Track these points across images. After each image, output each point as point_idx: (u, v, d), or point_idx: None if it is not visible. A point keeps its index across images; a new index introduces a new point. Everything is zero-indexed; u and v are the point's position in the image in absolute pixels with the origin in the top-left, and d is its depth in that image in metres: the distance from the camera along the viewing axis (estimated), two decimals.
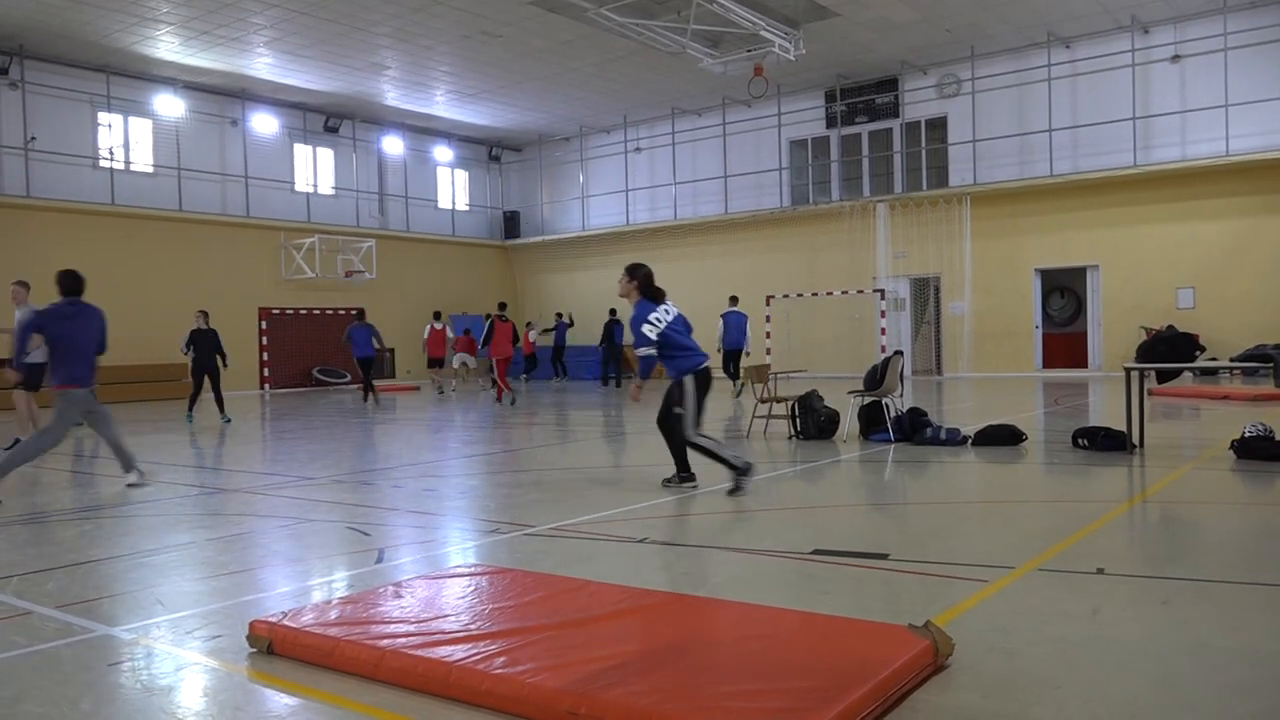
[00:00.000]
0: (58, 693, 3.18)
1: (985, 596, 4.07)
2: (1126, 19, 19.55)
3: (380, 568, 4.96)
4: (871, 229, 23.32)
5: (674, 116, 26.30)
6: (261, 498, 7.40)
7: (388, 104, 24.87)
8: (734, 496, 6.68)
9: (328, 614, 3.69)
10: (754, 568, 4.77)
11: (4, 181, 19.89)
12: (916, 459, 8.63)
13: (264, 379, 23.72)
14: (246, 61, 20.97)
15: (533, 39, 19.86)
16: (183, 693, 3.21)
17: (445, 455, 10.20)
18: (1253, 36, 18.86)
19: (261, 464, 9.83)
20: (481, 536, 5.76)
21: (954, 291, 22.47)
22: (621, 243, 27.66)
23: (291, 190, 25.06)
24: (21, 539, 5.87)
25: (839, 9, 18.56)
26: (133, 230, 21.52)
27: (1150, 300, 20.05)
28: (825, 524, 5.91)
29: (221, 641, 3.71)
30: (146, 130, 22.24)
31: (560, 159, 29.59)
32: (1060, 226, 21.15)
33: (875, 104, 23.57)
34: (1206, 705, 2.87)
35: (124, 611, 4.19)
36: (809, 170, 24.89)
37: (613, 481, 8.00)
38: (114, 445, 7.93)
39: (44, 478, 8.93)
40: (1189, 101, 19.60)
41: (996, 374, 21.70)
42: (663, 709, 2.66)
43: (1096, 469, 7.71)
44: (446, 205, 29.14)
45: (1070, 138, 20.95)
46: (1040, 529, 5.59)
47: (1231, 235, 19.32)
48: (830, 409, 10.24)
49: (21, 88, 19.98)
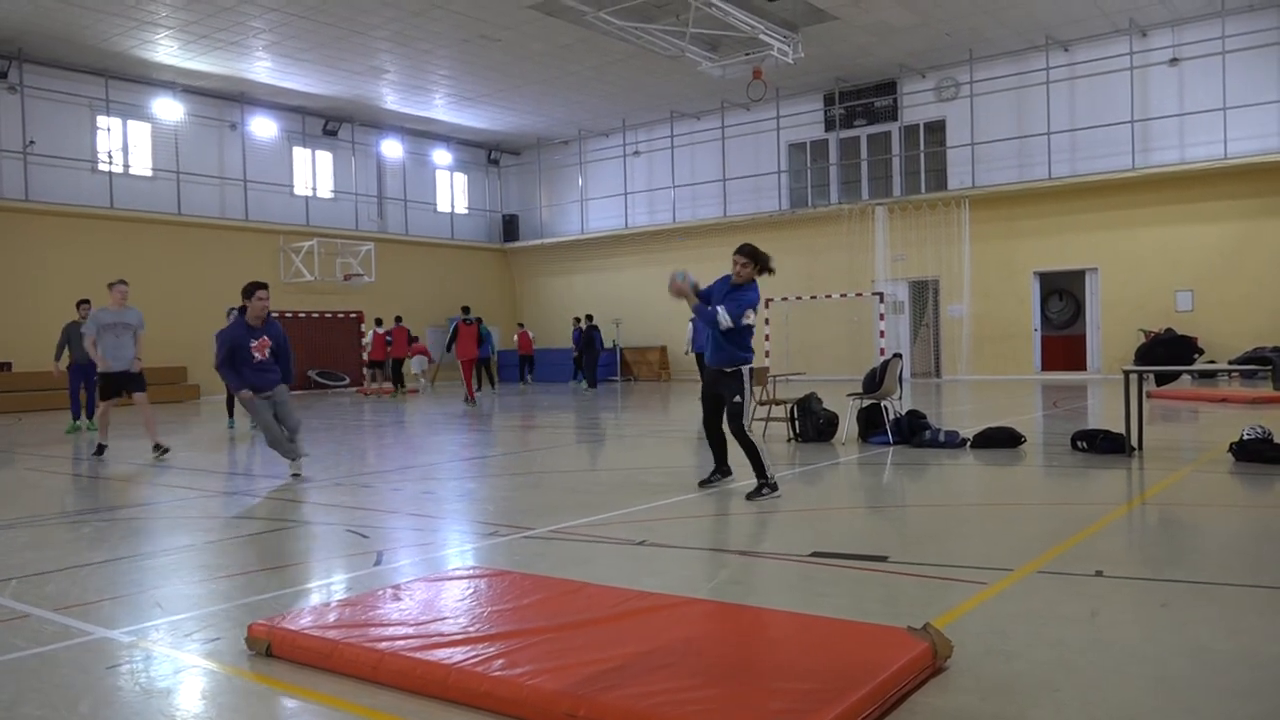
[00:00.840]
0: (56, 695, 3.17)
1: (984, 599, 4.07)
2: (1124, 22, 19.58)
3: (379, 570, 4.96)
4: (870, 232, 23.33)
5: (673, 120, 26.32)
6: (260, 501, 7.40)
7: (387, 107, 24.89)
8: (751, 500, 6.67)
9: (326, 616, 3.68)
10: (753, 570, 4.76)
11: (3, 185, 19.89)
12: (915, 461, 8.63)
13: None
14: (245, 65, 20.98)
15: (532, 42, 19.88)
16: (181, 695, 3.20)
17: (444, 457, 10.19)
18: (1250, 40, 18.89)
19: (260, 466, 9.82)
20: (480, 539, 5.76)
21: (953, 294, 22.48)
22: (620, 246, 27.69)
23: (290, 193, 25.06)
24: (20, 542, 5.86)
25: (838, 12, 18.58)
26: (131, 234, 21.52)
27: (1149, 303, 20.07)
28: (824, 526, 5.91)
29: (220, 644, 3.70)
30: (145, 134, 22.25)
31: (559, 162, 29.60)
32: (1059, 229, 21.17)
33: (874, 107, 23.60)
34: (1206, 708, 2.87)
35: (122, 614, 4.19)
36: (808, 173, 24.91)
37: (612, 484, 8.00)
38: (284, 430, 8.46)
39: (43, 481, 8.93)
40: (1187, 105, 19.63)
41: (995, 377, 21.71)
42: (662, 711, 2.66)
43: (1095, 471, 7.72)
44: (445, 208, 29.16)
45: (1069, 141, 20.98)
46: (1039, 531, 5.59)
47: (1230, 238, 19.34)
48: (829, 411, 10.24)
49: (20, 91, 19.99)
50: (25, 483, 8.88)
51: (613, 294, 27.45)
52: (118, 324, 10.36)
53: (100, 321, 10.31)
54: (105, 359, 10.26)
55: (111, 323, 10.33)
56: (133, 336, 10.48)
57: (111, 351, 10.27)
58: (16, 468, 10.12)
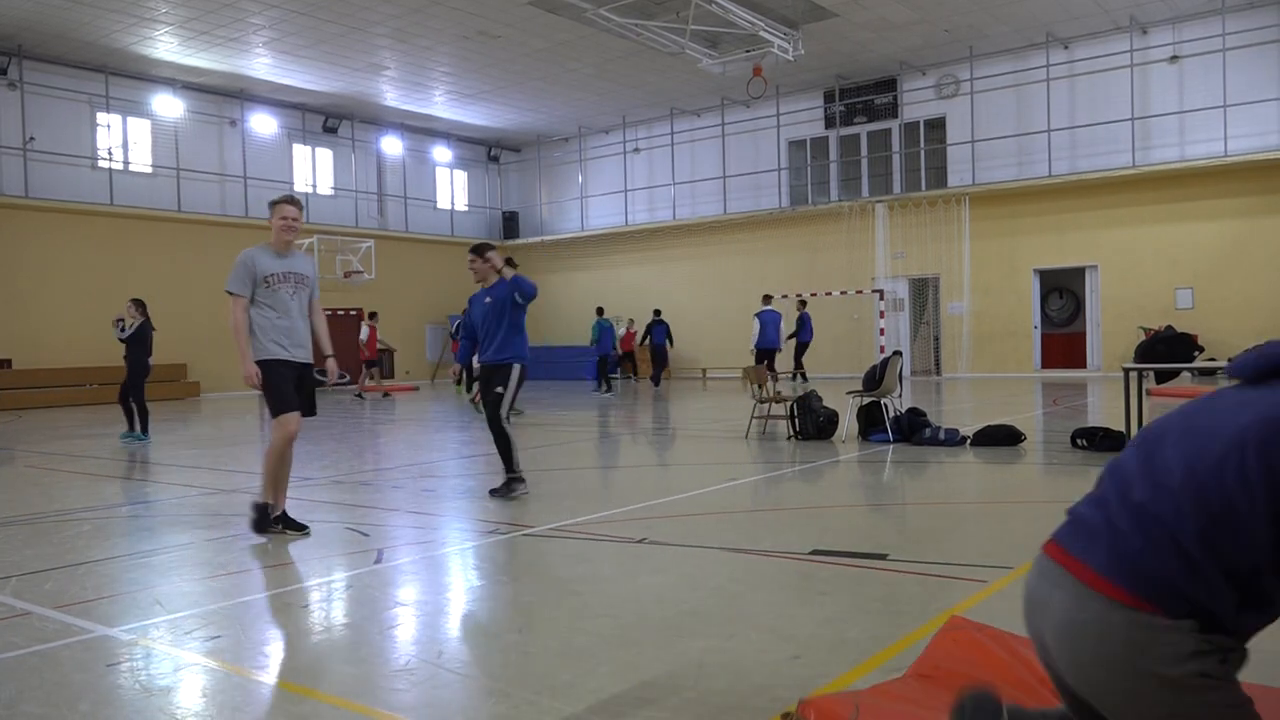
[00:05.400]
0: (56, 693, 3.17)
1: (984, 597, 4.07)
2: (1125, 20, 19.56)
3: (379, 569, 4.96)
4: (870, 229, 23.33)
5: (673, 117, 26.30)
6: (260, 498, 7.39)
7: (387, 104, 24.87)
8: (494, 497, 6.82)
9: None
10: (753, 568, 4.77)
11: (3, 182, 19.88)
12: (915, 459, 8.63)
13: None
14: (245, 62, 20.97)
15: (532, 39, 19.86)
16: (181, 693, 3.20)
17: (444, 455, 10.20)
18: (1251, 37, 18.87)
19: (260, 464, 9.82)
20: (480, 537, 5.76)
21: (952, 292, 22.48)
22: (620, 243, 27.68)
23: (290, 190, 25.05)
24: (20, 539, 5.86)
25: (838, 10, 18.56)
26: (131, 231, 21.51)
27: (1149, 301, 20.06)
28: (824, 524, 5.91)
29: (220, 642, 3.70)
30: (145, 130, 22.23)
31: (559, 159, 29.59)
32: (1059, 227, 21.16)
33: (874, 104, 23.58)
34: None
35: (123, 612, 4.19)
36: (808, 171, 24.90)
37: (612, 482, 8.00)
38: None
39: (42, 478, 8.93)
40: (1187, 102, 19.61)
41: (995, 374, 21.71)
42: None
43: (1095, 469, 7.67)
44: (445, 206, 29.14)
45: (1069, 138, 20.96)
46: (1039, 529, 5.57)
47: (1230, 235, 19.33)
48: (829, 409, 10.24)
49: (20, 88, 19.97)
50: (25, 480, 8.88)
51: (616, 291, 27.44)
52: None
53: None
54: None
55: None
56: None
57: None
58: (17, 465, 10.12)
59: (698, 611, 3.96)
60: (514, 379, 6.91)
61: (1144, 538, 1.84)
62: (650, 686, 3.09)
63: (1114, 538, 1.89)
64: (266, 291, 5.70)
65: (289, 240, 5.91)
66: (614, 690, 3.06)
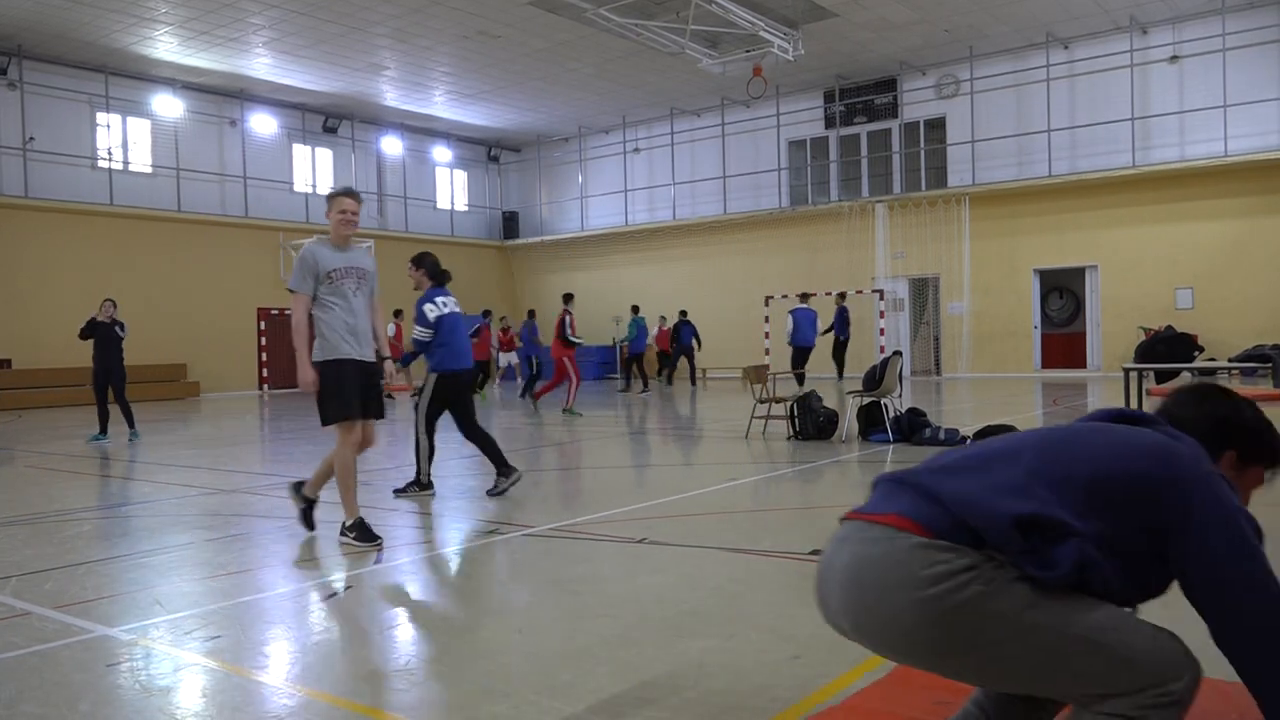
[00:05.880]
0: (56, 693, 3.17)
1: None
2: (1125, 20, 19.57)
3: (379, 568, 4.96)
4: (870, 229, 23.33)
5: (673, 117, 26.31)
6: (260, 498, 7.40)
7: (386, 104, 24.87)
8: (397, 496, 7.04)
9: None
10: (753, 568, 4.76)
11: (3, 182, 19.89)
12: (915, 459, 8.60)
13: (263, 379, 23.72)
14: (245, 62, 20.97)
15: (531, 39, 19.87)
16: (181, 693, 3.20)
17: (444, 455, 10.19)
18: (1251, 37, 18.88)
19: (260, 464, 9.83)
20: (481, 537, 5.76)
21: (952, 292, 22.48)
22: (620, 243, 27.69)
23: (290, 190, 25.05)
24: (20, 539, 5.86)
25: (838, 9, 18.57)
26: (131, 231, 21.52)
27: (1149, 301, 20.06)
28: (824, 524, 5.90)
29: (220, 642, 3.70)
30: (145, 130, 22.24)
31: (559, 159, 29.59)
32: (1059, 227, 21.16)
33: (874, 104, 23.58)
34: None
35: (122, 612, 4.19)
36: (808, 170, 24.90)
37: (612, 482, 8.00)
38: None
39: (42, 478, 8.93)
40: (1187, 102, 19.62)
41: (995, 374, 21.71)
42: None
43: None
44: (445, 206, 29.15)
45: (1069, 138, 20.97)
46: None
47: (1230, 236, 19.33)
48: (829, 409, 10.24)
49: (20, 88, 19.98)
50: (25, 480, 8.88)
51: (617, 291, 27.43)
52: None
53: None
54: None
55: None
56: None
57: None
58: (17, 465, 10.12)
59: (698, 611, 3.96)
60: (428, 387, 7.17)
61: (956, 481, 1.92)
62: (650, 686, 3.08)
63: (915, 491, 1.95)
64: (331, 287, 5.41)
65: (347, 235, 5.59)
66: (614, 690, 3.06)
